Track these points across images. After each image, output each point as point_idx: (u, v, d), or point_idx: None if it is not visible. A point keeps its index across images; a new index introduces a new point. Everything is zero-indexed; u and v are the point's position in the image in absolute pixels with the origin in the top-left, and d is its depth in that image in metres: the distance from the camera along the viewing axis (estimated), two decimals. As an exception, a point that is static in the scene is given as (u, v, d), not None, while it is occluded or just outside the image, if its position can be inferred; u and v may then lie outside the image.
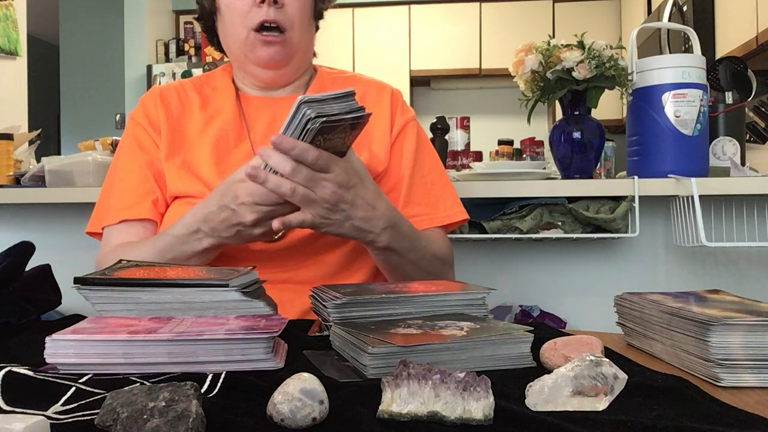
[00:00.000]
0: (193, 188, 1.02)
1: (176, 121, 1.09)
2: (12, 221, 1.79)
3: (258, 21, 1.01)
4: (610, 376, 0.52)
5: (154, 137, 1.08)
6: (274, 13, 1.01)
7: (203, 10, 1.12)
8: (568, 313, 1.54)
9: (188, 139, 1.07)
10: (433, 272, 1.03)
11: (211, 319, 0.66)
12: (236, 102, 1.10)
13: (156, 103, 1.10)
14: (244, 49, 1.05)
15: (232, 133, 1.07)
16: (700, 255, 1.53)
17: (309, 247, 1.00)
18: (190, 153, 1.06)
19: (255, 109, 1.10)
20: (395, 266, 0.99)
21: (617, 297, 0.80)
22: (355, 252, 1.02)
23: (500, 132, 3.28)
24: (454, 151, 2.05)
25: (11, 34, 3.30)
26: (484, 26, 5.36)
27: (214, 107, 1.11)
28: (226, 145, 1.06)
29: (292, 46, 1.06)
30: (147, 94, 1.14)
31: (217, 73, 1.17)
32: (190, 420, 0.44)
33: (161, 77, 5.02)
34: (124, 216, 1.03)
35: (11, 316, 0.84)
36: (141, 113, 1.10)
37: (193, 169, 1.04)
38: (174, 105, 1.10)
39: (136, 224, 1.03)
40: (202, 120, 1.09)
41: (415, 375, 0.50)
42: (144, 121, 1.09)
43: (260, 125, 1.08)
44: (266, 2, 1.00)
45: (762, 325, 0.60)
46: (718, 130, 1.61)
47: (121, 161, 1.09)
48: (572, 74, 1.42)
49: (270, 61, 1.05)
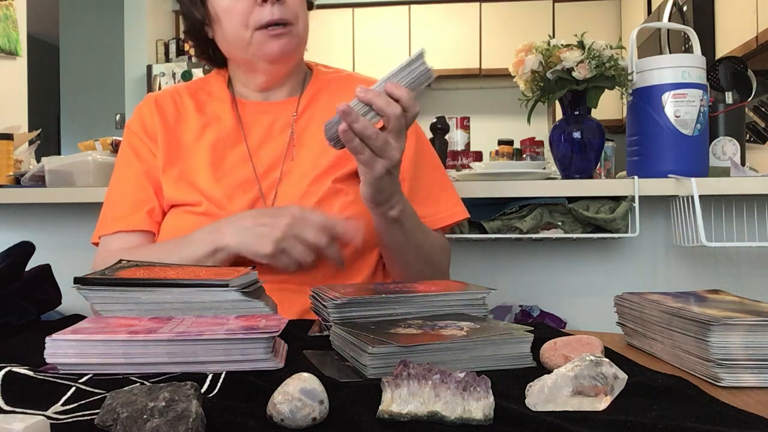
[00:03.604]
0: (190, 197, 1.02)
1: (172, 129, 1.09)
2: (12, 221, 1.79)
3: (264, 21, 1.00)
4: (610, 376, 0.52)
5: (151, 146, 1.08)
6: (279, 11, 1.00)
7: (193, 23, 1.09)
8: (568, 313, 1.54)
9: (185, 147, 1.07)
10: (433, 263, 1.04)
11: (211, 319, 0.66)
12: (232, 107, 1.10)
13: (152, 111, 1.10)
14: (251, 50, 1.03)
15: (228, 139, 1.07)
16: (700, 255, 1.53)
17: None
18: (187, 161, 1.06)
19: (251, 113, 1.10)
20: (400, 245, 0.99)
21: (617, 297, 0.80)
22: (356, 253, 1.02)
23: (500, 132, 3.27)
24: (454, 151, 2.05)
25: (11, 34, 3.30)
26: (484, 26, 5.36)
27: (210, 113, 1.10)
28: (222, 150, 1.06)
29: (299, 39, 1.06)
30: (143, 101, 1.13)
31: (211, 78, 1.16)
32: (190, 420, 0.44)
33: (161, 77, 5.02)
34: (119, 227, 1.04)
35: (11, 316, 0.84)
36: (137, 122, 1.10)
37: (190, 178, 1.04)
38: (169, 112, 1.10)
39: (130, 235, 1.04)
40: (198, 126, 1.08)
41: (415, 375, 0.50)
42: (140, 130, 1.09)
43: (257, 130, 1.08)
44: (269, 1, 1.00)
45: (762, 325, 0.60)
46: (718, 130, 1.61)
47: (118, 171, 1.10)
48: (572, 74, 1.42)
49: (282, 55, 1.04)
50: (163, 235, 1.04)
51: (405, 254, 1.01)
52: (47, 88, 6.31)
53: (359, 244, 0.96)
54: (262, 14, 1.00)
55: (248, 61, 1.06)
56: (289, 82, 1.12)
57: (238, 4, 1.01)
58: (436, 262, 1.06)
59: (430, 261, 1.04)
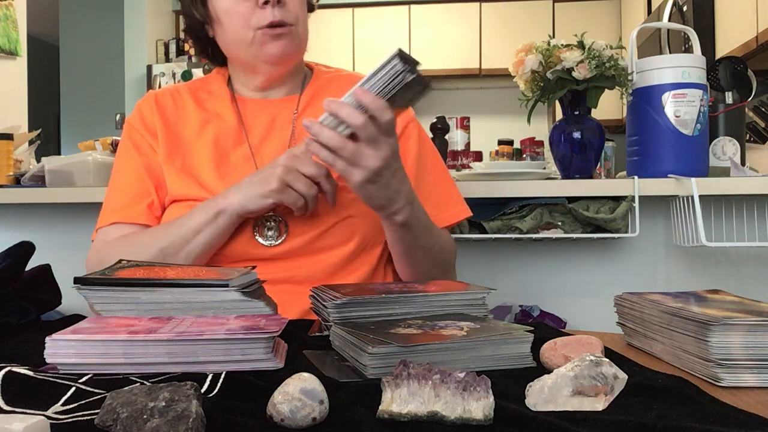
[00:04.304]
0: (193, 192, 1.02)
1: (173, 125, 1.09)
2: (12, 221, 1.79)
3: (265, 23, 1.00)
4: (610, 376, 0.52)
5: (151, 141, 1.08)
6: (280, 13, 1.00)
7: (193, 22, 1.09)
8: (568, 313, 1.54)
9: (185, 142, 1.07)
10: (441, 264, 1.04)
11: (211, 319, 0.66)
12: (233, 105, 1.10)
13: (152, 108, 1.10)
14: (252, 50, 1.03)
15: (230, 136, 1.07)
16: (700, 255, 1.53)
17: (308, 248, 1.00)
18: (188, 157, 1.06)
19: (252, 111, 1.10)
20: (408, 248, 0.99)
21: (617, 297, 0.80)
22: (355, 252, 1.02)
23: (500, 132, 3.27)
24: (454, 151, 2.05)
25: (11, 34, 3.30)
26: (484, 26, 5.36)
27: (210, 111, 1.10)
28: (224, 148, 1.06)
29: (300, 39, 1.06)
30: (143, 99, 1.14)
31: (211, 77, 1.16)
32: (190, 420, 0.44)
33: (161, 77, 5.02)
34: (116, 218, 1.04)
35: (11, 316, 0.84)
36: (137, 118, 1.10)
37: (193, 172, 1.04)
38: (169, 109, 1.10)
39: (127, 227, 1.04)
40: (199, 123, 1.09)
41: (415, 375, 0.50)
42: (140, 126, 1.09)
43: (258, 127, 1.08)
44: (270, 3, 0.99)
45: (762, 325, 0.60)
46: (718, 130, 1.61)
47: (117, 164, 1.10)
48: (572, 74, 1.42)
49: (282, 56, 1.04)
50: None
51: (413, 255, 1.01)
52: (47, 88, 6.30)
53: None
54: (263, 16, 1.00)
55: (248, 61, 1.06)
56: (289, 82, 1.12)
57: (239, 6, 1.01)
58: (445, 262, 1.06)
59: (438, 262, 1.04)
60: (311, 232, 1.00)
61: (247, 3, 1.00)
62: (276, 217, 1.00)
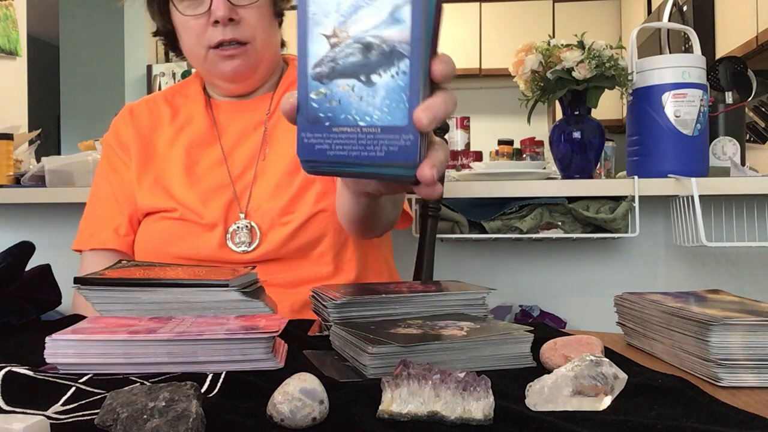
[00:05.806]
0: (163, 203, 1.02)
1: (147, 137, 1.09)
2: (12, 221, 1.79)
3: (215, 41, 0.99)
4: (610, 376, 0.52)
5: (123, 157, 1.08)
6: (232, 32, 0.99)
7: (159, 28, 1.10)
8: (568, 313, 1.54)
9: (159, 153, 1.07)
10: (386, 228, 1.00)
11: (211, 319, 0.66)
12: (206, 109, 1.10)
13: (125, 122, 1.11)
14: (206, 67, 1.04)
15: (203, 142, 1.07)
16: (700, 255, 1.53)
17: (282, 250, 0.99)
18: (161, 167, 1.06)
19: (226, 114, 1.09)
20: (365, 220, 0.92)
21: (617, 297, 0.80)
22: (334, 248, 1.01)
23: (500, 132, 3.28)
24: (454, 151, 2.05)
25: (11, 34, 3.30)
26: (484, 26, 5.36)
27: (185, 116, 1.10)
28: (197, 154, 1.06)
29: (257, 56, 1.04)
30: (118, 114, 1.14)
31: (189, 81, 1.16)
32: (190, 420, 0.44)
33: (161, 77, 5.02)
34: (92, 244, 1.06)
35: (11, 316, 0.84)
36: (112, 135, 1.11)
37: (164, 183, 1.04)
38: (144, 121, 1.11)
39: (102, 253, 1.05)
40: (173, 131, 1.09)
41: (415, 375, 0.50)
42: (114, 142, 1.10)
43: (232, 130, 1.08)
44: (221, 23, 0.98)
45: (762, 325, 0.60)
46: (718, 130, 1.61)
47: (93, 185, 1.12)
48: (572, 74, 1.42)
49: (235, 75, 1.04)
50: (140, 243, 1.04)
51: (367, 224, 0.94)
52: (47, 88, 6.31)
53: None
54: (214, 34, 0.99)
55: (205, 76, 1.08)
56: (261, 88, 1.11)
57: (192, 22, 1.00)
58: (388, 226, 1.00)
59: (386, 226, 0.99)
60: (283, 233, 0.98)
61: (200, 21, 1.00)
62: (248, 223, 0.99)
